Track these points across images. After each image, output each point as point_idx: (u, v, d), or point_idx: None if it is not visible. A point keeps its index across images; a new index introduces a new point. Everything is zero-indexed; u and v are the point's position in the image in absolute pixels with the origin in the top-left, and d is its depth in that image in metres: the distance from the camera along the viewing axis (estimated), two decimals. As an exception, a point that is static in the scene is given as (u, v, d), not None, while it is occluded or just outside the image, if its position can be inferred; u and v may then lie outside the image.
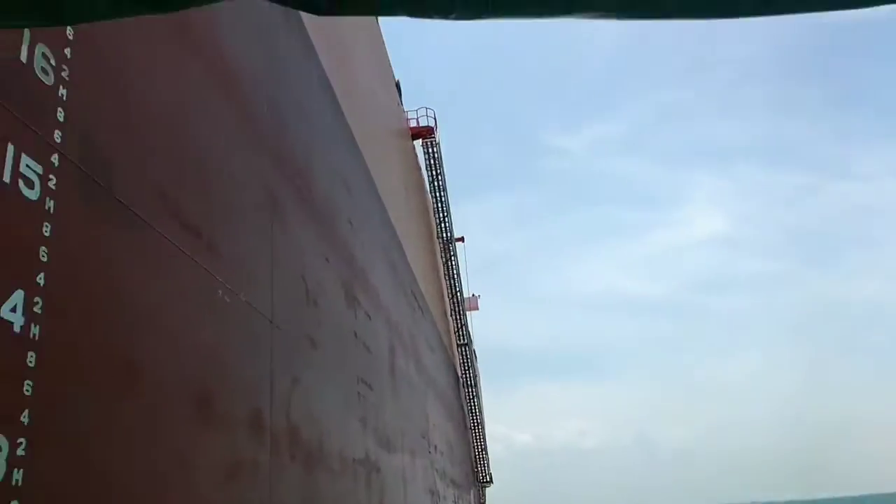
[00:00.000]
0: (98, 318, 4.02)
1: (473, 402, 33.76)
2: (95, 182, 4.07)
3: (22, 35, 3.58)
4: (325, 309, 9.26)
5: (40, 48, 3.70)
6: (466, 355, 31.55)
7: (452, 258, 28.86)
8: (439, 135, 25.62)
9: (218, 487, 5.40)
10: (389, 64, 20.85)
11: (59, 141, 3.76)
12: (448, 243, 28.55)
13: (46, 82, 3.73)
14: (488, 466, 38.15)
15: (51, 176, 3.66)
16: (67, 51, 3.93)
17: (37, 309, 3.44)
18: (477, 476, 36.06)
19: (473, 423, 34.35)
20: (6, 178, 3.34)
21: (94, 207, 4.07)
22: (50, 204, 3.63)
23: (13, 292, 3.30)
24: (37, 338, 3.42)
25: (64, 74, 3.86)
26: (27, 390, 3.32)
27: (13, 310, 3.29)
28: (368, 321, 12.11)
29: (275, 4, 1.93)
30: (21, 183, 3.45)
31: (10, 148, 3.41)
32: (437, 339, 24.42)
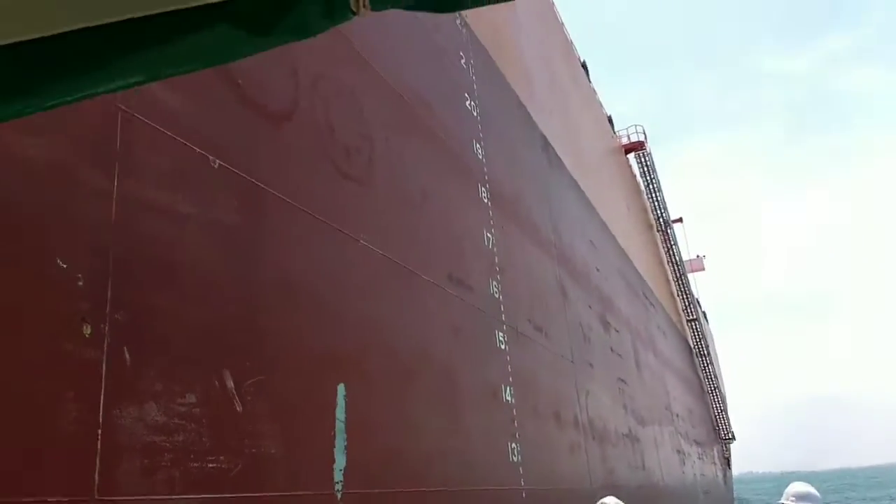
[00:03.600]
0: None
1: (708, 368, 36.96)
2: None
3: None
4: (593, 340, 14.29)
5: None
6: (696, 328, 34.90)
7: (673, 246, 32.35)
8: (649, 145, 29.30)
9: (566, 458, 10.70)
10: (588, 82, 25.08)
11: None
12: (667, 233, 32.07)
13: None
14: (729, 424, 41.17)
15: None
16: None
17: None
18: (718, 433, 39.29)
19: (710, 386, 37.53)
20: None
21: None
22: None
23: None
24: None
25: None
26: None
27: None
28: (617, 334, 16.94)
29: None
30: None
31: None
32: (667, 322, 28.41)
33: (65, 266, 3.13)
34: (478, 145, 9.82)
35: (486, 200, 9.63)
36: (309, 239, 5.24)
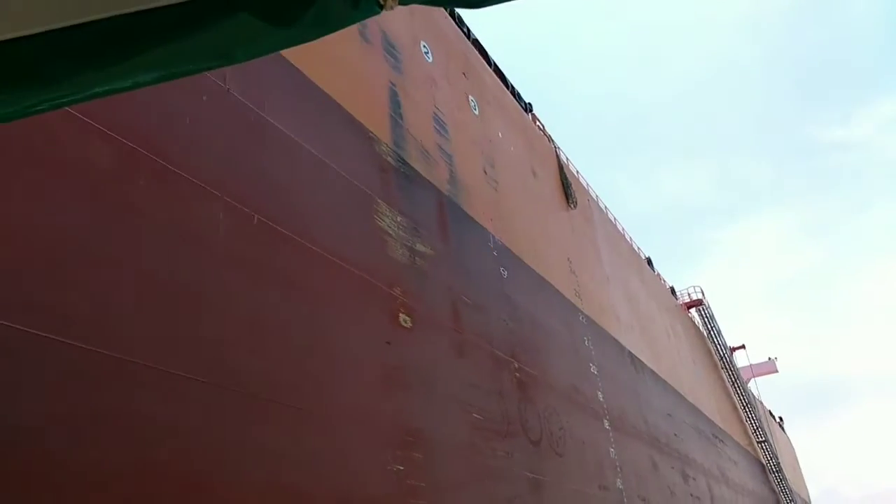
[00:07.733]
0: None
1: (782, 483, 41.34)
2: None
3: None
4: (677, 493, 20.48)
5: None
6: (766, 449, 39.75)
7: (737, 380, 37.98)
8: (707, 300, 35.85)
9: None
10: (653, 272, 31.91)
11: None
12: (730, 370, 37.82)
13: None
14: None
15: None
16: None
17: None
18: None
19: (786, 500, 41.72)
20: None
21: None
22: None
23: None
24: None
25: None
26: None
27: None
28: (694, 481, 23.00)
29: None
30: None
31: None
32: (738, 451, 33.80)
33: None
34: (599, 393, 16.77)
35: (607, 427, 16.45)
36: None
